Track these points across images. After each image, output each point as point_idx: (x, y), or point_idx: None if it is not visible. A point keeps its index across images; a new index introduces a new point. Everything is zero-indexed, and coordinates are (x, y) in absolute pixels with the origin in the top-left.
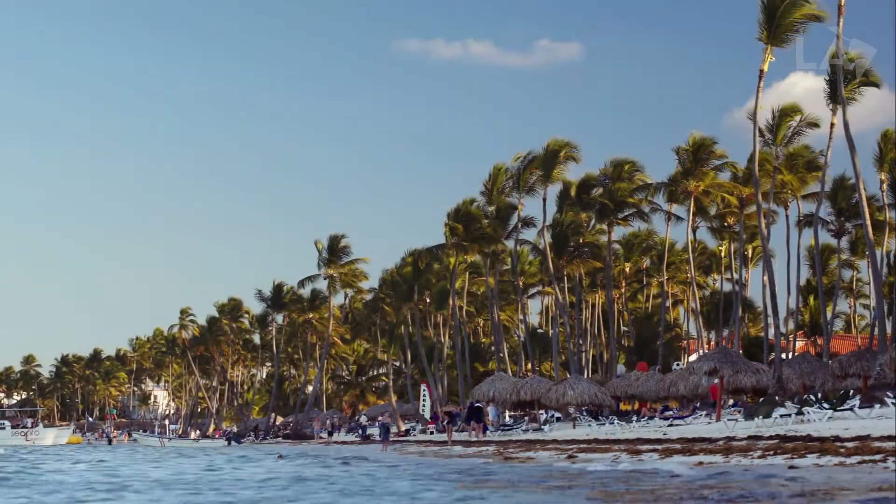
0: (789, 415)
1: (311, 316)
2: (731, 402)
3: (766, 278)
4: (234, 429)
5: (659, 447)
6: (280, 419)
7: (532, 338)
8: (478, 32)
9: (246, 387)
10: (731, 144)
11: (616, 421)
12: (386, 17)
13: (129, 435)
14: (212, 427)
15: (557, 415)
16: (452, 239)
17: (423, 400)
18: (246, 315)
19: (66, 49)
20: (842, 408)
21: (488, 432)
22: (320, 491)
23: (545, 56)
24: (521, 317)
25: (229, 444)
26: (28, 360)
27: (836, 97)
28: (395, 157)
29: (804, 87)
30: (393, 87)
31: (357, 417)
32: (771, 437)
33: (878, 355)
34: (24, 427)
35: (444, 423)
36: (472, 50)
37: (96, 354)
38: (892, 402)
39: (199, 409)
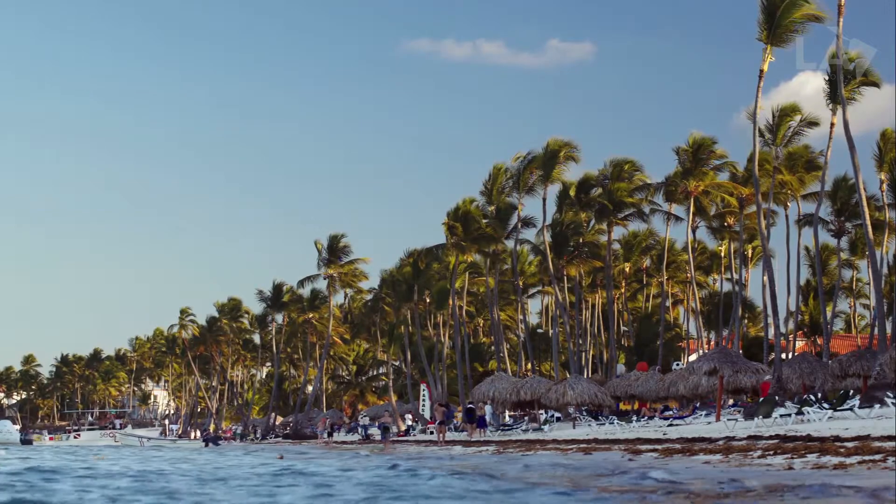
0: (789, 415)
1: (310, 316)
2: (731, 402)
3: (765, 278)
4: (239, 428)
5: (659, 447)
6: (280, 419)
7: (532, 338)
8: (489, 33)
9: (246, 387)
10: (740, 145)
11: (616, 421)
12: (396, 18)
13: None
14: (212, 427)
15: (557, 415)
16: (452, 239)
17: (423, 400)
18: (246, 315)
19: (66, 49)
20: (842, 408)
21: (487, 432)
22: None
23: (556, 56)
24: (521, 317)
25: (207, 445)
26: (28, 359)
27: (835, 97)
28: (396, 157)
29: (814, 87)
30: (396, 87)
31: (361, 417)
32: (771, 437)
33: (878, 355)
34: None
35: (438, 422)
36: (484, 50)
37: (96, 354)
38: (892, 402)
39: (199, 409)
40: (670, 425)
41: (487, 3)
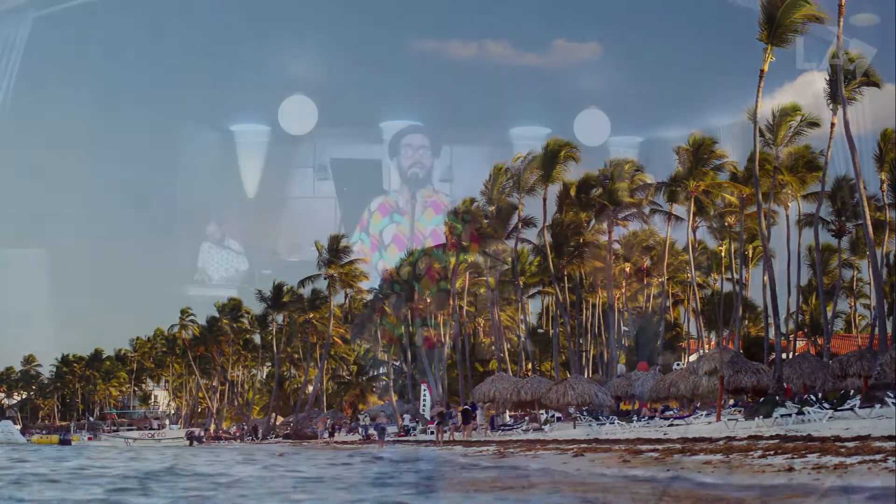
0: (789, 415)
1: (311, 316)
2: (731, 402)
3: (766, 278)
4: (246, 426)
5: (659, 447)
6: (280, 419)
7: (532, 338)
8: (494, 33)
9: (246, 387)
10: (743, 145)
11: (616, 421)
12: (399, 17)
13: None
14: (212, 427)
15: (558, 415)
16: (452, 239)
17: (424, 400)
18: (246, 315)
19: (65, 49)
20: (842, 408)
21: (488, 432)
22: None
23: (561, 56)
24: (521, 317)
25: (191, 444)
26: (28, 360)
27: (836, 97)
28: None
29: (818, 88)
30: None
31: (361, 417)
32: (771, 438)
33: (878, 355)
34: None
35: (436, 424)
36: (488, 50)
37: (96, 354)
38: (893, 402)
39: (199, 409)
40: (671, 425)
41: (492, 2)
